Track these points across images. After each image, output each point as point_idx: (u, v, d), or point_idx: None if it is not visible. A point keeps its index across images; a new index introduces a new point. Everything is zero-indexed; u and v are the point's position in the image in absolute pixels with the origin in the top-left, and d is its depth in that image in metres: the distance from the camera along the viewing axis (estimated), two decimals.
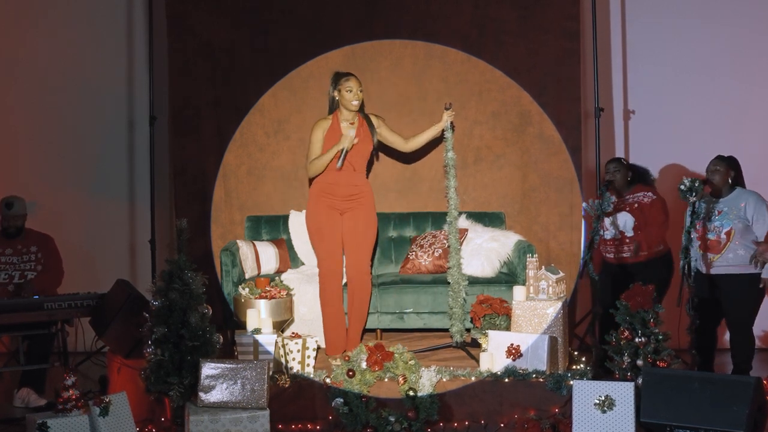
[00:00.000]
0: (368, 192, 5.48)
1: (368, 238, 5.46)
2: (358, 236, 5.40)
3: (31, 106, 6.78)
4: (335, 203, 5.40)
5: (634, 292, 4.76)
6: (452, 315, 5.43)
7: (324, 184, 5.41)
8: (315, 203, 5.43)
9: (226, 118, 6.27)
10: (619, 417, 4.34)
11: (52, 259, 5.80)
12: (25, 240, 5.75)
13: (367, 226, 5.44)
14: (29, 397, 5.37)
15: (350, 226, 5.41)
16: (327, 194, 5.40)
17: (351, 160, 5.39)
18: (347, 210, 5.42)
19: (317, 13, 6.23)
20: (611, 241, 5.66)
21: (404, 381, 4.72)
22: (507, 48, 6.17)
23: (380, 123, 5.53)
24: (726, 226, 5.28)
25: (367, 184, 5.50)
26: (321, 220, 5.39)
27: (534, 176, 6.19)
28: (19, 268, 5.69)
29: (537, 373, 4.75)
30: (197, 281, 4.71)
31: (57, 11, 6.75)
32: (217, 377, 4.49)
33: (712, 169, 5.34)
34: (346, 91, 5.36)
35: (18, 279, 5.66)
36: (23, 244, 5.73)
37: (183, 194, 6.30)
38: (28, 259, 5.72)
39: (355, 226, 5.41)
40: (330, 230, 5.38)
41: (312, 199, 5.45)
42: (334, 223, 5.40)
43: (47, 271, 5.75)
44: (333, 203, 5.40)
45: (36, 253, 5.75)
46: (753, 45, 6.45)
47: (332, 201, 5.40)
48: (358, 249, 5.40)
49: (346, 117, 5.43)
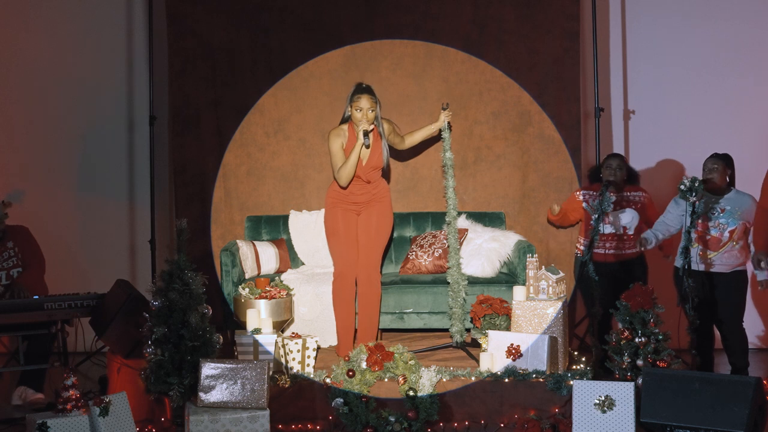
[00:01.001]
0: (385, 191, 5.51)
1: (381, 236, 5.46)
2: (371, 233, 5.41)
3: (30, 106, 6.77)
4: (352, 207, 5.45)
5: (634, 292, 4.76)
6: (452, 315, 5.43)
7: (340, 195, 5.43)
8: (332, 209, 5.45)
9: (226, 118, 6.27)
10: (619, 417, 4.35)
11: (30, 253, 5.69)
12: (2, 237, 5.64)
13: (380, 224, 5.45)
14: (26, 392, 5.36)
15: (365, 223, 5.43)
16: (342, 203, 5.43)
17: (364, 174, 5.39)
18: (363, 210, 5.45)
19: (317, 13, 6.23)
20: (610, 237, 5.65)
21: (404, 381, 4.72)
22: (507, 48, 6.17)
23: (390, 129, 5.53)
24: (731, 225, 5.29)
25: (383, 185, 5.52)
26: (338, 221, 5.42)
27: (534, 176, 6.19)
28: (4, 267, 5.62)
29: (537, 373, 4.75)
30: (197, 281, 4.71)
31: (56, 11, 6.74)
32: (217, 377, 4.49)
33: (711, 167, 5.34)
34: (356, 110, 5.32)
35: (5, 280, 5.63)
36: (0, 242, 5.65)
37: (183, 194, 6.29)
38: (8, 256, 5.64)
39: (368, 223, 5.43)
40: (346, 231, 5.41)
41: (328, 206, 5.48)
42: (350, 224, 5.43)
43: (27, 266, 5.65)
44: (350, 207, 5.44)
45: (13, 248, 5.66)
46: (753, 45, 6.45)
47: (349, 206, 5.44)
48: (370, 246, 5.40)
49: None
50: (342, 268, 5.38)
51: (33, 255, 5.72)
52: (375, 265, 5.41)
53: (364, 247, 5.40)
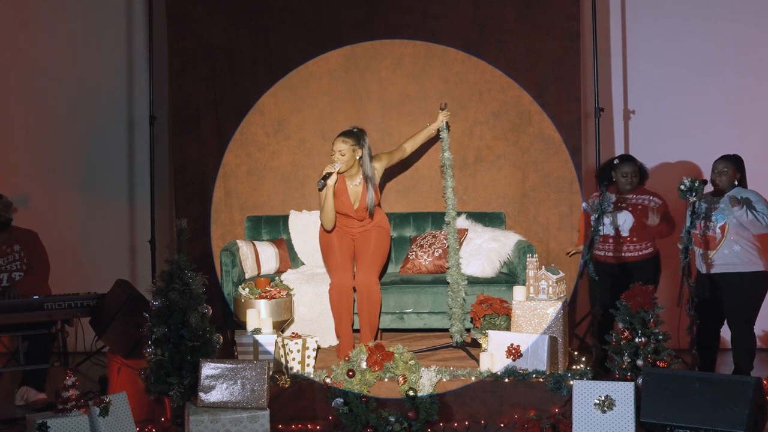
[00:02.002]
0: (383, 223, 5.55)
1: (379, 253, 5.49)
2: (369, 250, 5.45)
3: (30, 106, 6.77)
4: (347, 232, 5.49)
5: (634, 292, 4.76)
6: (452, 315, 5.43)
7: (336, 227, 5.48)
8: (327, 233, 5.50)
9: (226, 118, 6.27)
10: (619, 417, 4.34)
11: (36, 258, 5.71)
12: (9, 239, 5.67)
13: (378, 242, 5.49)
14: (28, 393, 5.37)
15: (362, 243, 5.47)
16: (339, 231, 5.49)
17: (357, 216, 5.44)
18: (360, 235, 5.49)
19: (317, 13, 6.22)
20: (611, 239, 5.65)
21: (404, 381, 4.72)
22: (507, 48, 6.17)
23: (383, 164, 5.58)
24: (720, 221, 5.28)
25: (379, 216, 5.55)
26: (332, 239, 5.47)
27: (534, 176, 6.19)
28: (6, 269, 5.63)
29: (537, 373, 4.75)
30: (197, 281, 4.71)
31: (56, 11, 6.75)
32: (217, 377, 4.49)
33: (720, 170, 5.32)
34: (331, 153, 5.40)
35: (6, 282, 5.62)
36: (7, 243, 5.66)
37: (183, 194, 6.29)
38: (12, 259, 5.66)
39: (366, 242, 5.47)
40: (341, 247, 5.45)
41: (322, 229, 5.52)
42: (345, 241, 5.48)
43: (32, 272, 5.67)
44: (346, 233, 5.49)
45: (19, 251, 5.68)
46: (753, 44, 6.45)
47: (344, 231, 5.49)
48: (368, 262, 5.42)
49: (350, 173, 5.45)
50: (338, 281, 5.39)
51: (39, 260, 5.74)
52: (374, 278, 5.42)
53: (362, 264, 5.42)
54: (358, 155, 5.39)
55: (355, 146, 5.37)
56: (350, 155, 5.36)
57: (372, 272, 5.40)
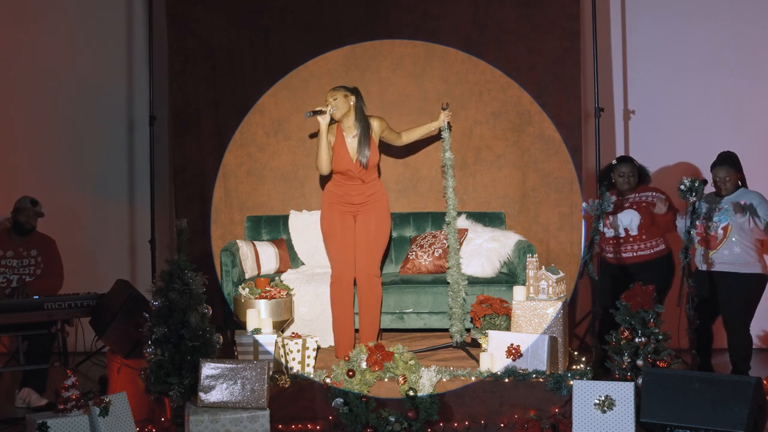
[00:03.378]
0: (382, 193, 5.47)
1: (379, 239, 5.42)
2: (369, 236, 5.38)
3: (30, 106, 6.78)
4: (348, 209, 5.41)
5: (634, 292, 4.76)
6: (452, 315, 5.43)
7: (335, 196, 5.41)
8: (328, 209, 5.43)
9: (226, 118, 6.28)
10: (619, 417, 4.34)
11: (53, 264, 5.76)
12: (27, 243, 5.71)
13: (379, 227, 5.41)
14: (30, 397, 5.37)
15: (362, 226, 5.40)
16: (338, 203, 5.41)
17: (359, 174, 5.37)
18: (360, 212, 5.42)
19: (317, 13, 6.23)
20: (611, 240, 5.65)
21: (404, 381, 4.72)
22: (507, 48, 6.17)
23: (384, 126, 5.49)
24: (723, 222, 5.29)
25: (379, 185, 5.48)
26: (334, 223, 5.39)
27: (534, 176, 6.19)
28: (18, 272, 5.65)
29: (537, 373, 4.75)
30: (197, 281, 4.71)
31: (56, 11, 6.75)
32: (217, 377, 4.49)
33: (723, 178, 5.33)
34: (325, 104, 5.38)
35: (16, 283, 5.63)
36: (24, 247, 5.69)
37: (183, 194, 6.30)
38: (28, 263, 5.69)
39: (367, 226, 5.39)
40: (342, 233, 5.38)
41: (324, 206, 5.45)
42: (347, 226, 5.40)
43: (47, 276, 5.71)
44: (346, 209, 5.41)
45: (36, 257, 5.71)
46: (753, 44, 6.45)
47: (345, 207, 5.41)
48: (369, 249, 5.37)
49: (347, 125, 5.40)
50: (339, 271, 5.36)
51: (54, 270, 5.77)
52: (375, 269, 5.39)
53: (363, 251, 5.38)
54: (351, 101, 5.34)
55: (347, 93, 5.33)
56: (343, 100, 5.31)
57: (373, 261, 5.36)
